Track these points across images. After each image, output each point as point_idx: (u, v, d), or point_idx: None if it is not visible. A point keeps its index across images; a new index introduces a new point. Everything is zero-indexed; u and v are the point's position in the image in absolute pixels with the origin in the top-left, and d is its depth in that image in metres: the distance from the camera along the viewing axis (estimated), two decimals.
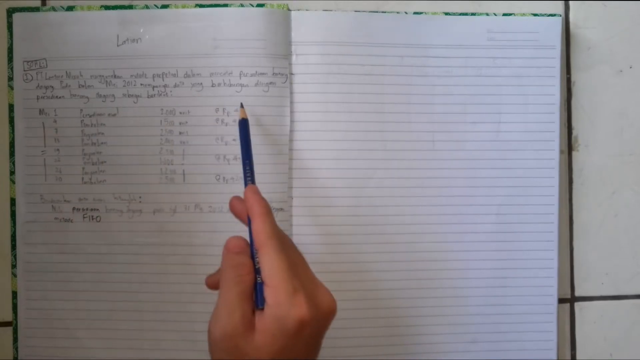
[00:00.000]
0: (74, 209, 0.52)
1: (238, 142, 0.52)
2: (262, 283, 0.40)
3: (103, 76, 0.52)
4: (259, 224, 0.41)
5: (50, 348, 0.53)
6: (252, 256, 0.42)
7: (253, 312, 0.40)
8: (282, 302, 0.39)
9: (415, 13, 0.54)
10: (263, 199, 0.43)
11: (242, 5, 0.52)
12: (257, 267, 0.41)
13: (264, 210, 0.42)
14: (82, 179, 0.52)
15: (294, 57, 0.53)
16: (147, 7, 0.52)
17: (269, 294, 0.39)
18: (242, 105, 0.50)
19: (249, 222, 0.43)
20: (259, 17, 0.52)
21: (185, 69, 0.52)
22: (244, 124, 0.48)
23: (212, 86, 0.52)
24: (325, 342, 0.53)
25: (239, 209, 0.44)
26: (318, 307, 0.40)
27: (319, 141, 0.53)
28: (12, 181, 0.52)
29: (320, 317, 0.40)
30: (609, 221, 0.57)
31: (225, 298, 0.40)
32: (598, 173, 0.57)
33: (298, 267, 0.41)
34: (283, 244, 0.41)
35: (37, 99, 0.52)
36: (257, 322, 0.39)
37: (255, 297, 0.40)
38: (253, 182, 0.46)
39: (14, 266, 0.53)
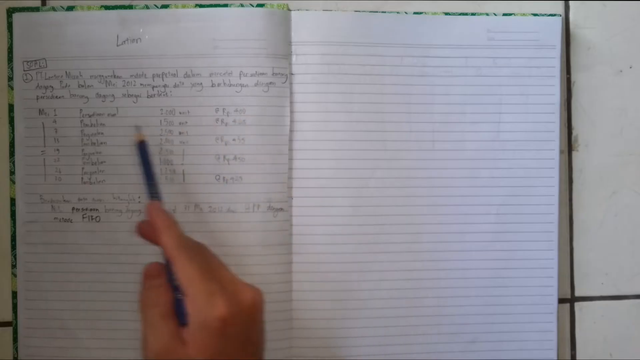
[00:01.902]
0: (73, 209, 0.52)
1: (239, 142, 0.52)
2: (181, 299, 0.41)
3: (103, 76, 0.52)
4: (165, 239, 0.42)
5: (50, 348, 0.53)
6: (170, 274, 0.42)
7: (178, 328, 0.40)
8: (200, 308, 0.39)
9: (415, 13, 0.54)
10: (165, 213, 0.44)
11: (242, 5, 0.52)
12: (176, 284, 0.41)
13: (167, 223, 0.43)
14: (82, 179, 0.52)
15: (294, 57, 0.53)
16: (147, 7, 0.52)
17: (188, 304, 0.40)
18: (138, 129, 0.50)
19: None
20: (259, 17, 0.52)
21: (185, 69, 0.52)
22: (142, 147, 0.48)
23: (212, 86, 0.52)
24: (325, 342, 0.53)
25: (146, 231, 0.45)
26: (239, 303, 0.40)
27: (319, 141, 0.53)
28: (12, 181, 0.52)
29: (244, 311, 0.41)
30: (609, 221, 0.57)
31: (148, 322, 0.41)
32: (598, 173, 0.57)
33: (215, 270, 0.42)
34: (193, 252, 0.42)
35: (37, 99, 0.52)
36: (186, 335, 0.40)
37: (178, 315, 0.41)
38: (158, 199, 0.46)
39: (14, 266, 0.53)
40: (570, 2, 0.56)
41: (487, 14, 0.54)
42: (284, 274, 0.53)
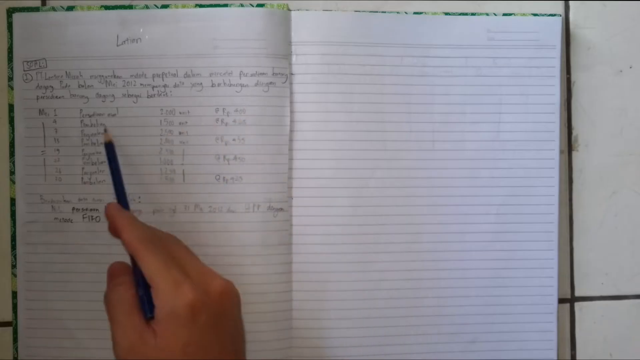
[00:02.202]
0: (73, 209, 0.52)
1: (239, 142, 0.52)
2: (147, 293, 0.40)
3: (103, 76, 0.52)
4: (125, 235, 0.42)
5: (50, 348, 0.53)
6: (135, 271, 0.42)
7: (145, 322, 0.40)
8: (167, 298, 0.39)
9: (415, 13, 0.54)
10: (122, 211, 0.44)
11: (242, 5, 0.52)
12: (142, 279, 0.41)
13: (127, 220, 0.43)
14: (82, 179, 0.52)
15: (294, 57, 0.53)
16: (147, 7, 0.52)
17: (154, 296, 0.39)
18: (105, 130, 0.50)
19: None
20: (259, 17, 0.52)
21: (185, 69, 0.52)
22: (110, 148, 0.49)
23: (212, 86, 0.52)
24: (325, 342, 0.53)
25: (112, 230, 0.45)
26: (207, 291, 0.40)
27: (319, 141, 0.53)
28: (12, 181, 0.52)
29: (213, 299, 0.40)
30: (609, 221, 0.57)
31: (113, 320, 0.41)
32: (598, 173, 0.57)
33: (182, 259, 0.42)
34: (158, 243, 0.42)
35: (37, 99, 0.52)
36: (155, 327, 0.39)
37: (143, 309, 0.40)
38: (124, 203, 0.47)
39: (14, 266, 0.53)
40: (570, 2, 0.56)
41: (487, 14, 0.54)
42: (284, 274, 0.53)
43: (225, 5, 0.52)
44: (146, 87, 0.52)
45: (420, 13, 0.54)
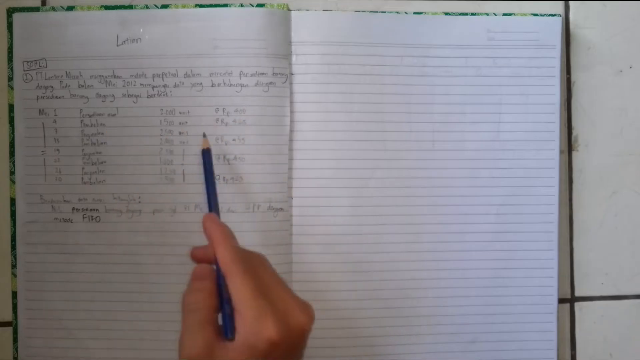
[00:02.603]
0: (73, 209, 0.52)
1: (239, 142, 0.52)
2: (230, 313, 0.40)
3: (103, 76, 0.52)
4: (220, 252, 0.41)
5: (50, 348, 0.53)
6: (219, 284, 0.42)
7: (218, 337, 0.40)
8: (250, 328, 0.38)
9: (415, 13, 0.54)
10: (221, 225, 0.44)
11: (242, 5, 0.52)
12: (226, 295, 0.41)
13: (224, 236, 0.42)
14: (82, 179, 0.52)
15: (294, 57, 0.53)
16: (147, 7, 0.52)
17: (237, 321, 0.39)
18: (204, 135, 0.50)
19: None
20: (259, 17, 0.52)
21: (185, 69, 0.52)
22: (207, 155, 0.49)
23: (212, 86, 0.52)
24: (325, 342, 0.53)
25: (201, 256, 0.44)
26: (289, 326, 0.39)
27: (319, 141, 0.53)
28: (12, 181, 0.52)
29: (293, 335, 0.40)
30: (609, 221, 0.57)
31: (186, 324, 0.40)
32: (598, 173, 0.57)
33: (269, 286, 0.41)
34: (249, 266, 0.41)
35: (37, 99, 0.52)
36: (229, 349, 0.39)
37: (224, 328, 0.40)
38: (216, 211, 0.46)
39: (14, 266, 0.53)
40: (570, 2, 0.56)
41: (487, 14, 0.54)
42: (284, 274, 0.53)
43: (225, 5, 0.52)
44: (146, 87, 0.52)
45: (420, 13, 0.54)
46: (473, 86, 0.54)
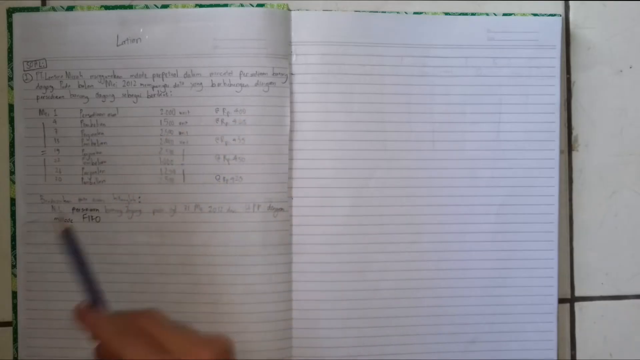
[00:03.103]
0: (73, 209, 0.52)
1: (239, 142, 0.52)
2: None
3: (103, 76, 0.52)
4: (100, 336, 0.42)
5: (50, 348, 0.53)
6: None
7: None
8: None
9: (415, 13, 0.54)
10: (88, 312, 0.43)
11: (242, 5, 0.52)
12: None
13: (94, 320, 0.42)
14: (82, 179, 0.52)
15: (294, 57, 0.53)
16: (147, 7, 0.52)
17: None
18: (59, 219, 0.51)
19: None
20: (259, 17, 0.52)
21: (185, 69, 0.52)
22: (67, 236, 0.44)
23: (212, 86, 0.52)
24: (325, 342, 0.53)
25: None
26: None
27: (319, 141, 0.53)
28: (12, 181, 0.52)
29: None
30: (609, 221, 0.57)
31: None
32: (598, 173, 0.57)
33: (162, 339, 0.41)
34: (132, 331, 0.41)
35: (37, 99, 0.52)
36: None
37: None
38: (98, 294, 0.44)
39: (14, 266, 0.53)
40: (570, 2, 0.56)
41: (487, 14, 0.54)
42: (284, 274, 0.53)
43: (225, 5, 0.52)
44: (146, 87, 0.52)
45: (420, 13, 0.54)
46: (473, 86, 0.54)
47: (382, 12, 0.54)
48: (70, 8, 0.52)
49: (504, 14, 0.54)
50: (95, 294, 0.44)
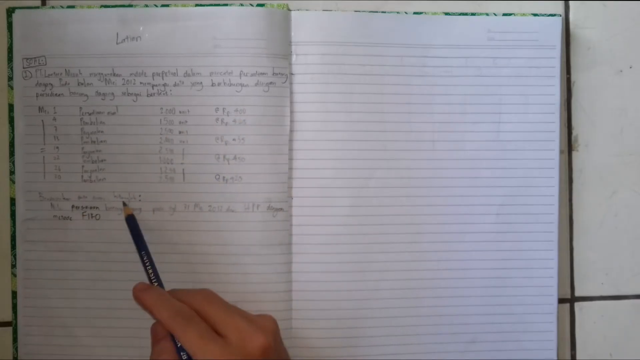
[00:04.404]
0: (73, 207, 0.52)
1: (239, 141, 0.52)
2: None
3: (102, 74, 0.52)
4: (158, 317, 0.44)
5: (50, 347, 0.52)
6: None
7: None
8: None
9: (415, 13, 0.54)
10: (148, 288, 0.46)
11: (242, 5, 0.53)
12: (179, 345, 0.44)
13: (153, 299, 0.45)
14: (82, 177, 0.52)
15: (294, 57, 0.53)
16: (147, 5, 0.52)
17: None
18: (124, 204, 0.51)
19: None
20: (259, 16, 0.52)
21: (185, 68, 0.52)
22: (132, 221, 0.50)
23: (212, 85, 0.52)
24: (325, 342, 0.53)
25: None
26: (247, 351, 0.42)
27: (319, 141, 0.53)
28: (12, 181, 0.52)
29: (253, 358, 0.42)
30: (609, 221, 0.57)
31: None
32: (598, 173, 0.57)
33: (216, 322, 0.43)
34: (188, 314, 0.43)
35: (37, 96, 0.52)
36: None
37: None
38: (156, 276, 0.48)
39: (13, 266, 0.52)
40: (570, 2, 0.56)
41: (487, 14, 0.54)
42: (284, 273, 0.53)
43: (226, 5, 0.52)
44: (146, 85, 0.52)
45: (420, 13, 0.54)
46: (473, 86, 0.54)
47: (382, 12, 0.54)
48: (70, 6, 0.52)
49: (504, 14, 0.55)
50: (153, 274, 0.48)
